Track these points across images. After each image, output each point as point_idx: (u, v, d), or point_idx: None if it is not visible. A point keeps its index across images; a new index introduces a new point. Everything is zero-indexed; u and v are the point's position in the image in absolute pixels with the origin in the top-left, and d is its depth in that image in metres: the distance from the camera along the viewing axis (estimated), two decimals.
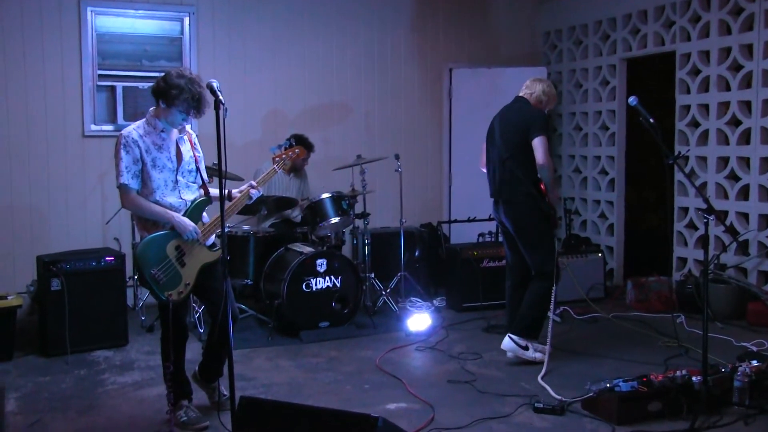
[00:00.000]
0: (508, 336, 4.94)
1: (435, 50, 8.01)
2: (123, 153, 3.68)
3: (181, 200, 3.82)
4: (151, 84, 3.80)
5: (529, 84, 5.12)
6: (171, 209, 3.76)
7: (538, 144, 4.80)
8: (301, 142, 6.26)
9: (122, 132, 3.74)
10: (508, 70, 7.92)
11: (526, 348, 4.90)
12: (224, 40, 7.07)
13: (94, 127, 6.60)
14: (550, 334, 4.85)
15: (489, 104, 7.84)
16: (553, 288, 4.92)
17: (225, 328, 3.66)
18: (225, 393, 4.10)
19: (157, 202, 3.74)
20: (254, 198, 4.02)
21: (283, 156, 4.26)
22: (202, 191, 3.96)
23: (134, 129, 3.76)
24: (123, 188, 3.71)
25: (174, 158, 3.81)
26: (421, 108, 7.99)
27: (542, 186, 4.91)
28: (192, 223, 3.75)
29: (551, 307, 4.96)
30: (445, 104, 8.05)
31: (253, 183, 4.03)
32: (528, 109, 4.97)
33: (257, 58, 7.21)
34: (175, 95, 3.65)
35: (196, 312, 5.69)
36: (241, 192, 4.00)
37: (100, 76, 6.63)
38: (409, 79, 7.91)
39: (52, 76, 6.44)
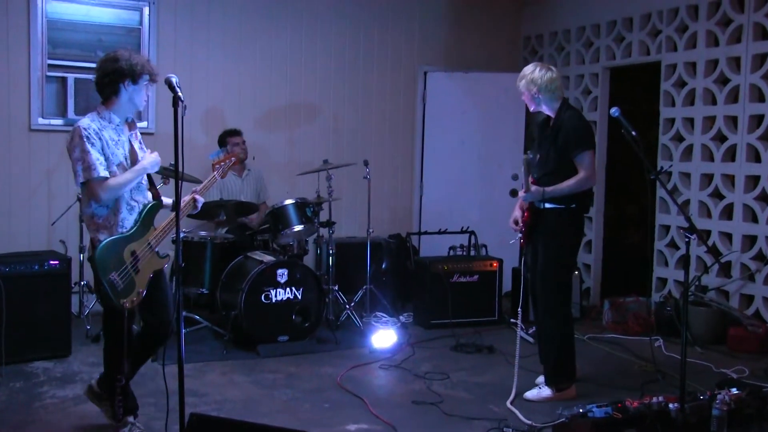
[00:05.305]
0: None
1: (409, 52, 8.04)
2: (88, 146, 3.59)
3: (132, 202, 3.78)
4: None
5: None
6: (120, 213, 3.72)
7: None
8: (229, 134, 6.71)
9: (79, 125, 3.64)
10: (485, 75, 7.99)
11: None
12: (186, 33, 7.02)
13: (41, 121, 6.51)
14: (518, 355, 4.86)
15: (465, 110, 7.97)
16: None
17: (162, 340, 3.86)
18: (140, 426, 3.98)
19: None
20: (199, 207, 3.99)
21: (222, 163, 4.30)
22: (150, 194, 3.92)
23: (90, 122, 3.67)
24: (98, 181, 3.61)
25: (128, 156, 3.79)
26: (393, 112, 8.01)
27: None
28: (156, 153, 3.85)
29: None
30: (418, 109, 8.07)
31: (197, 192, 4.00)
32: None
33: (222, 53, 7.18)
34: (140, 69, 3.71)
35: None
36: (185, 203, 3.92)
37: (50, 66, 6.54)
38: (381, 81, 7.93)
39: None
